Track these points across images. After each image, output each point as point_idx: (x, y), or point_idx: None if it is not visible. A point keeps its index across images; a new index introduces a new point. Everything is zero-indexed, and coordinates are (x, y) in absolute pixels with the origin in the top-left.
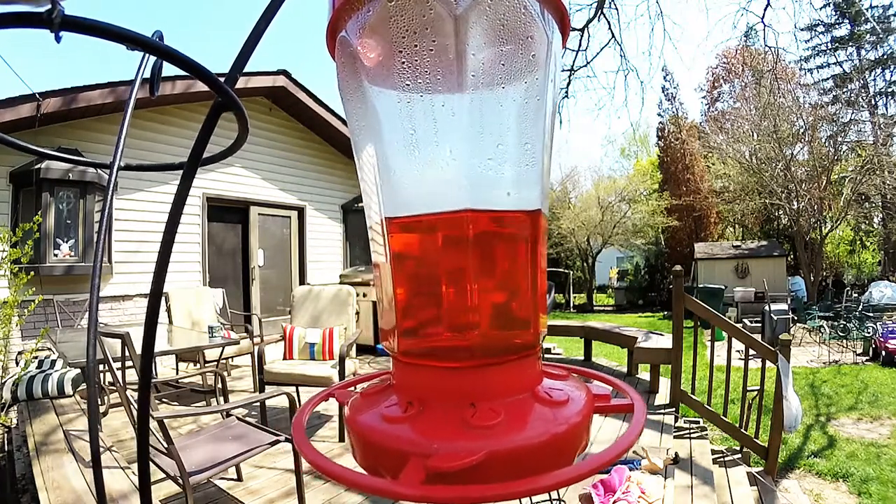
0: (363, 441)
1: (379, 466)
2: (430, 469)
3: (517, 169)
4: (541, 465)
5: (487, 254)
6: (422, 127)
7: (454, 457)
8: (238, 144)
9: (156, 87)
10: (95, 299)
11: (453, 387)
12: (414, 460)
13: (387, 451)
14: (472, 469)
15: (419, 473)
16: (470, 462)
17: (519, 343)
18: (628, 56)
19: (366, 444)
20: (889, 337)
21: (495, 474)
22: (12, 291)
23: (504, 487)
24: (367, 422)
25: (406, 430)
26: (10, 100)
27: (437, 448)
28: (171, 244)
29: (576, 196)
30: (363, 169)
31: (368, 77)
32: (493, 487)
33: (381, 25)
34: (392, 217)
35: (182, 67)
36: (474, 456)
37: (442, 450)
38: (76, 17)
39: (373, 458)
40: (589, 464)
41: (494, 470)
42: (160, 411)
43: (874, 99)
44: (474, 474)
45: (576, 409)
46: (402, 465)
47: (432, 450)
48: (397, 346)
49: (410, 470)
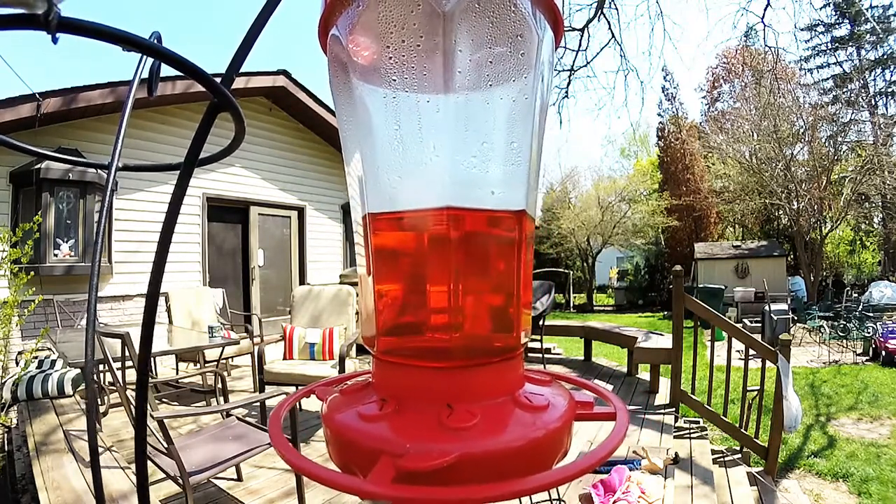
0: (337, 438)
1: (351, 464)
2: (401, 468)
3: (502, 168)
4: (516, 469)
5: (469, 253)
6: (406, 123)
7: (426, 457)
8: (235, 145)
9: (154, 88)
10: (94, 299)
11: (431, 387)
12: (384, 459)
13: (359, 448)
14: (444, 470)
15: (389, 472)
16: (441, 463)
17: (500, 345)
18: (628, 56)
19: (339, 442)
20: (889, 337)
21: (468, 477)
22: (12, 291)
23: (474, 491)
24: (342, 419)
25: (380, 429)
26: (10, 100)
27: (409, 448)
28: (168, 245)
29: (576, 196)
30: (349, 164)
31: (357, 72)
32: (464, 490)
33: (370, 21)
34: (374, 213)
35: (177, 68)
36: (446, 457)
37: (414, 450)
38: (72, 19)
39: (346, 456)
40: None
41: (467, 472)
42: (160, 411)
43: (874, 99)
44: (446, 476)
45: (556, 415)
46: (373, 464)
47: (404, 449)
48: (376, 345)
49: (380, 468)
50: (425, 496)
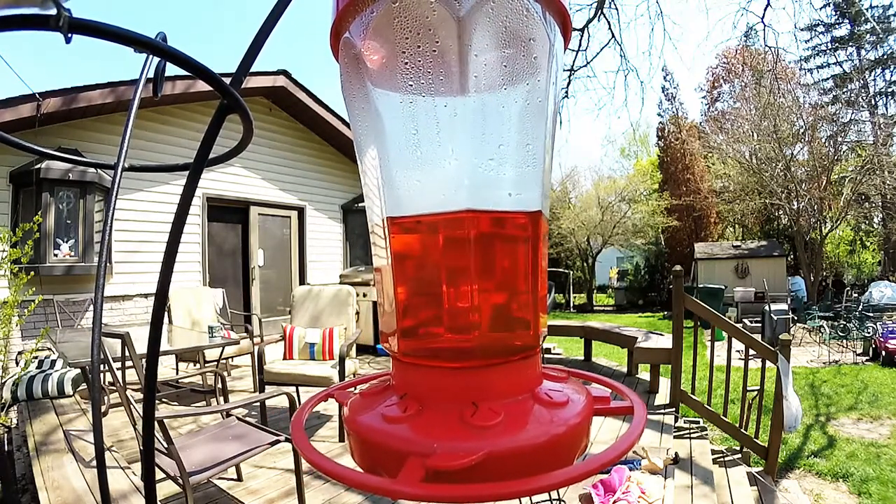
0: (362, 441)
1: (377, 466)
2: (430, 468)
3: (518, 170)
4: (540, 465)
5: (488, 254)
6: (424, 127)
7: (453, 456)
8: (243, 146)
9: (159, 88)
10: (100, 299)
11: (453, 387)
12: (413, 459)
13: (386, 450)
14: (471, 469)
15: (418, 472)
16: (469, 462)
17: (519, 344)
18: (628, 56)
19: (365, 444)
20: (889, 337)
21: (494, 474)
22: (12, 291)
23: (502, 487)
24: (366, 422)
25: (405, 430)
26: (10, 100)
27: (437, 447)
28: (177, 245)
29: (576, 196)
30: (366, 170)
31: (371, 78)
32: (492, 487)
33: (384, 27)
34: (394, 217)
35: (188, 70)
36: (473, 455)
37: (441, 449)
38: (83, 20)
39: (371, 458)
40: (587, 465)
41: (493, 470)
42: (160, 411)
43: (874, 99)
44: (473, 474)
45: (575, 411)
46: (401, 465)
47: (431, 449)
48: (397, 346)
49: (409, 469)
50: (456, 494)
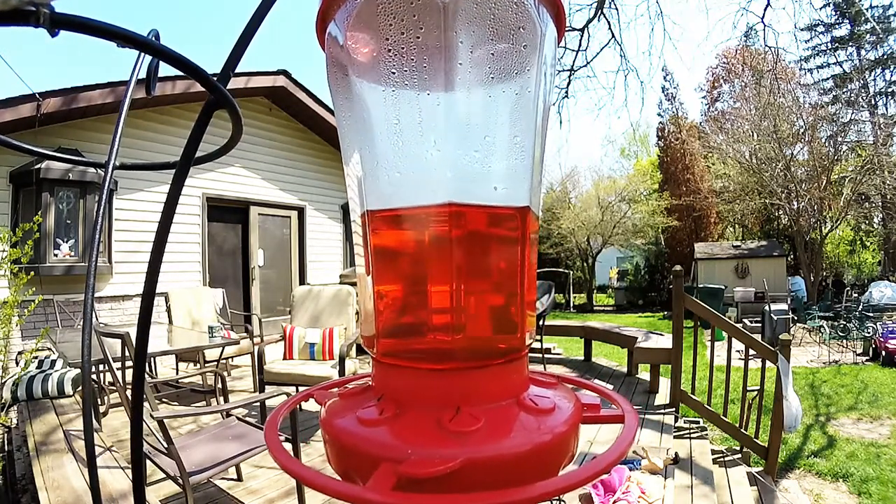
0: (336, 443)
1: (351, 471)
2: (402, 475)
3: (505, 163)
4: (523, 475)
5: (471, 250)
6: (406, 117)
7: (428, 463)
8: (233, 143)
9: (152, 86)
10: (90, 298)
11: (433, 390)
12: (385, 465)
13: (358, 454)
14: (447, 477)
15: (390, 479)
16: (444, 469)
17: (503, 347)
18: (628, 56)
19: (337, 448)
20: (889, 337)
21: (472, 483)
22: (12, 291)
23: (478, 498)
24: (341, 424)
25: (380, 434)
26: (10, 100)
27: (412, 453)
28: (164, 245)
29: (576, 196)
30: (348, 161)
31: (355, 66)
32: (468, 498)
33: (368, 13)
34: (374, 210)
35: (173, 65)
36: (450, 463)
37: (416, 455)
38: (66, 15)
39: (346, 463)
40: (569, 478)
41: (471, 479)
42: (160, 411)
43: (874, 99)
44: (449, 483)
45: (562, 419)
46: (374, 470)
47: (406, 455)
48: (376, 347)
49: (381, 475)
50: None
